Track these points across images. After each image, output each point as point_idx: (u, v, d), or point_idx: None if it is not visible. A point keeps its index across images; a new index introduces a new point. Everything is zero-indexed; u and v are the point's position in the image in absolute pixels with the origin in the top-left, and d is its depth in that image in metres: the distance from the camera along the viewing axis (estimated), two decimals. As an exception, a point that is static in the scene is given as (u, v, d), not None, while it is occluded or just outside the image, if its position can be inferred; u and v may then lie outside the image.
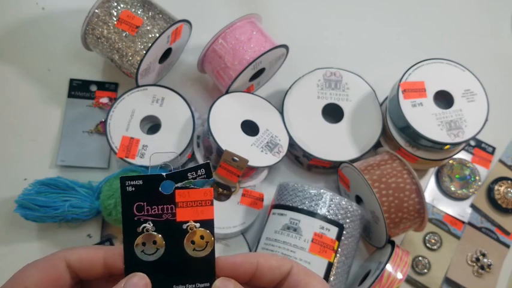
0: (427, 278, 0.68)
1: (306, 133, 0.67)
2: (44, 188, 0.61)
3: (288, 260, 0.32)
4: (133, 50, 0.63)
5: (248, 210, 0.65)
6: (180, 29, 0.66)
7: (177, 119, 0.66)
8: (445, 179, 0.72)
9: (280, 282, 0.31)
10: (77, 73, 0.73)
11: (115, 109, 0.65)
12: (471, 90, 0.66)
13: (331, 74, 0.71)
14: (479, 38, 0.84)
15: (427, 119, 0.64)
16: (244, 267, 0.31)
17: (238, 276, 0.31)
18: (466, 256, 0.69)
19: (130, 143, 0.63)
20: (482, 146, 0.76)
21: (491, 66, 0.81)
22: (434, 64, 0.67)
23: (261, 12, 0.69)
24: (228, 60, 0.65)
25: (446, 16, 0.85)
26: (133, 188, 0.31)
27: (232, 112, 0.66)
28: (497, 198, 0.72)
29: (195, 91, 0.74)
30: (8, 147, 0.68)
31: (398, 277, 0.57)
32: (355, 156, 0.67)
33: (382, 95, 0.71)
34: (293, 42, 0.70)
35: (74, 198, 0.61)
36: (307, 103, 0.69)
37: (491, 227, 0.71)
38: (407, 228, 0.63)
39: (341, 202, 0.57)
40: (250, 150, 0.63)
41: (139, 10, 0.64)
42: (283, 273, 0.31)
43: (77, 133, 0.69)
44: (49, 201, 0.60)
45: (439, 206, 0.72)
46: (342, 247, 0.57)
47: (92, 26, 0.64)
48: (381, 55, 0.80)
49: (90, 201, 0.61)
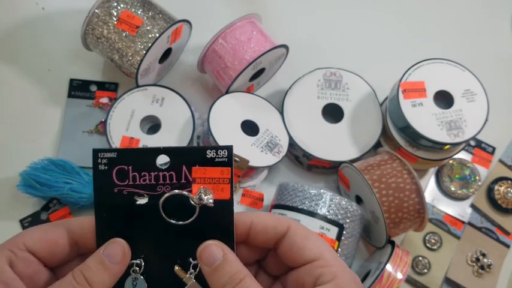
0: (427, 278, 0.68)
1: (306, 133, 0.67)
2: (50, 166, 0.62)
3: (286, 220, 0.31)
4: (133, 50, 0.63)
5: (248, 210, 0.65)
6: (180, 29, 0.66)
7: (177, 119, 0.66)
8: (445, 179, 0.72)
9: (277, 243, 0.31)
10: (77, 73, 0.73)
11: (115, 109, 0.65)
12: (471, 90, 0.66)
13: (331, 74, 0.71)
14: (479, 38, 0.84)
15: (427, 119, 0.64)
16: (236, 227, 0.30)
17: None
18: (466, 256, 0.69)
19: (130, 143, 0.63)
20: (482, 146, 0.76)
21: (491, 66, 0.80)
22: (434, 64, 0.67)
23: (261, 12, 0.69)
24: (228, 60, 0.65)
25: (446, 16, 0.85)
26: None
27: (232, 112, 0.66)
28: (497, 198, 0.72)
29: (195, 91, 0.74)
30: (8, 147, 0.68)
31: (398, 277, 0.57)
32: (355, 156, 0.67)
33: (382, 95, 0.71)
34: (293, 42, 0.70)
35: (76, 183, 0.62)
36: (307, 103, 0.69)
37: (491, 227, 0.71)
38: (407, 228, 0.63)
39: (341, 202, 0.57)
40: (250, 150, 0.63)
41: (139, 10, 0.64)
42: (279, 234, 0.30)
43: (77, 133, 0.69)
44: (51, 180, 0.61)
45: (439, 206, 0.72)
46: (342, 247, 0.57)
47: (92, 26, 0.64)
48: (381, 55, 0.80)
49: (91, 189, 0.62)
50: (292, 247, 0.30)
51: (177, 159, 0.30)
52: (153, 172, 0.29)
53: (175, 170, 0.30)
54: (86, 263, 0.29)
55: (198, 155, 0.30)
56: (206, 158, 0.30)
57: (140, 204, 0.30)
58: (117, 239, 0.30)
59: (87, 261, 0.29)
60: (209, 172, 0.30)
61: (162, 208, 0.30)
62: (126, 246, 0.30)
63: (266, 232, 0.30)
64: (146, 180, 0.30)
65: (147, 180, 0.30)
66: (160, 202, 0.30)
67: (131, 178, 0.29)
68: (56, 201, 0.63)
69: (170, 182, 0.30)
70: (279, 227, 0.30)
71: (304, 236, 0.30)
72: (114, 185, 0.30)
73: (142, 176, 0.30)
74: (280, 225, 0.30)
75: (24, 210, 0.64)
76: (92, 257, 0.29)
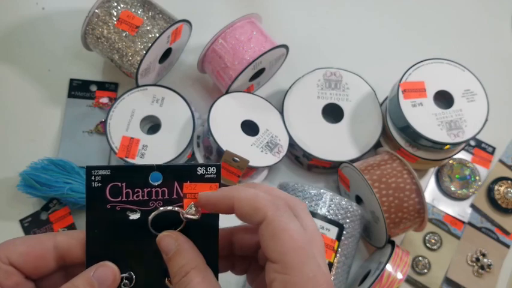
0: (427, 278, 0.68)
1: (306, 133, 0.67)
2: (50, 166, 0.62)
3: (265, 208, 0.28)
4: (133, 50, 0.63)
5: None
6: (180, 29, 0.66)
7: (177, 119, 0.66)
8: (445, 179, 0.72)
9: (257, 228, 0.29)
10: (77, 73, 0.73)
11: (115, 109, 0.65)
12: (471, 90, 0.66)
13: (331, 74, 0.71)
14: (479, 38, 0.84)
15: (427, 119, 0.64)
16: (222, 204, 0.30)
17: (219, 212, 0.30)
18: (466, 256, 0.69)
19: (130, 143, 0.63)
20: (482, 146, 0.76)
21: (491, 66, 0.80)
22: (434, 64, 0.67)
23: (261, 12, 0.69)
24: (228, 60, 0.65)
25: (446, 16, 0.85)
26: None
27: (232, 112, 0.66)
28: (497, 198, 0.72)
29: (195, 91, 0.74)
30: (8, 147, 0.68)
31: (398, 277, 0.57)
32: (355, 156, 0.67)
33: (382, 95, 0.71)
34: (293, 42, 0.70)
35: (75, 182, 0.62)
36: (307, 103, 0.69)
37: (491, 227, 0.71)
38: (407, 228, 0.63)
39: (341, 202, 0.57)
40: (250, 150, 0.63)
41: (139, 10, 0.64)
42: (255, 223, 0.28)
43: (77, 133, 0.69)
44: (51, 180, 0.61)
45: (439, 206, 0.72)
46: (341, 247, 0.57)
47: (92, 26, 0.64)
48: (381, 55, 0.80)
49: None
50: (261, 239, 0.28)
51: (169, 176, 0.31)
52: (146, 188, 0.31)
53: (167, 186, 0.31)
54: (74, 283, 0.29)
55: (189, 172, 0.31)
56: (197, 174, 0.31)
57: (132, 220, 0.31)
58: (108, 263, 0.30)
59: (74, 281, 0.29)
60: (199, 188, 0.31)
61: (150, 224, 0.31)
62: (116, 271, 0.30)
63: (243, 217, 0.29)
64: (139, 196, 0.31)
65: (140, 196, 0.31)
66: (150, 219, 0.30)
67: (124, 194, 0.30)
68: (56, 201, 0.63)
69: (162, 198, 0.31)
70: (255, 215, 0.28)
71: (275, 232, 0.27)
72: (107, 202, 0.30)
73: (136, 192, 0.30)
74: (257, 212, 0.28)
75: (24, 210, 0.64)
76: (81, 277, 0.29)
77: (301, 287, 0.26)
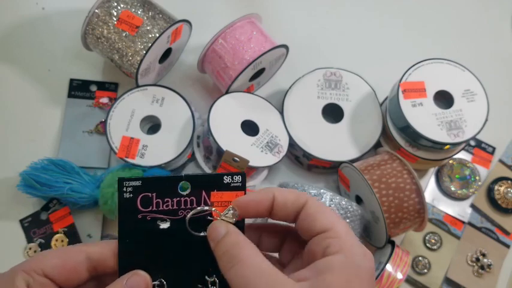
0: (427, 278, 0.68)
1: (306, 133, 0.67)
2: (50, 166, 0.62)
3: (304, 195, 0.33)
4: (133, 50, 0.63)
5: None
6: (180, 29, 0.66)
7: (177, 119, 0.66)
8: (445, 179, 0.72)
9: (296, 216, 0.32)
10: (77, 73, 0.73)
11: (115, 109, 0.65)
12: (471, 90, 0.66)
13: (331, 74, 0.71)
14: (479, 38, 0.84)
15: (427, 119, 0.64)
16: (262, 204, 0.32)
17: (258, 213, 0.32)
18: (466, 256, 0.69)
19: (130, 143, 0.63)
20: (482, 146, 0.76)
21: (491, 66, 0.81)
22: (434, 64, 0.67)
23: (261, 12, 0.69)
24: (228, 60, 0.65)
25: (446, 16, 0.85)
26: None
27: (232, 112, 0.66)
28: (497, 198, 0.72)
29: (195, 91, 0.74)
30: (8, 147, 0.68)
31: (398, 277, 0.57)
32: (355, 156, 0.67)
33: (382, 95, 0.71)
34: (293, 42, 0.70)
35: (75, 182, 0.62)
36: (307, 103, 0.69)
37: (491, 227, 0.71)
38: (407, 228, 0.63)
39: (341, 202, 0.57)
40: (250, 150, 0.63)
41: (139, 10, 0.64)
42: (298, 208, 0.32)
43: (77, 133, 0.69)
44: (51, 180, 0.61)
45: (439, 206, 0.72)
46: (342, 247, 0.57)
47: (92, 26, 0.64)
48: (380, 55, 0.80)
49: (91, 189, 0.62)
50: (307, 218, 0.32)
51: (197, 185, 0.32)
52: (175, 198, 0.32)
53: (195, 195, 0.32)
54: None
55: (216, 181, 0.32)
56: (223, 183, 0.32)
57: (163, 228, 0.32)
58: (140, 271, 0.31)
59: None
60: (226, 196, 0.32)
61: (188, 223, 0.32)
62: (148, 279, 0.31)
63: (286, 206, 0.32)
64: (169, 206, 0.32)
65: (169, 206, 0.32)
66: (187, 218, 0.32)
67: (155, 204, 0.32)
68: (56, 201, 0.63)
69: (191, 206, 0.32)
70: (298, 201, 0.32)
71: (319, 209, 0.32)
72: (138, 212, 0.32)
73: (165, 202, 0.32)
74: (299, 199, 0.32)
75: (24, 210, 0.64)
76: (114, 286, 0.30)
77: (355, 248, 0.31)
